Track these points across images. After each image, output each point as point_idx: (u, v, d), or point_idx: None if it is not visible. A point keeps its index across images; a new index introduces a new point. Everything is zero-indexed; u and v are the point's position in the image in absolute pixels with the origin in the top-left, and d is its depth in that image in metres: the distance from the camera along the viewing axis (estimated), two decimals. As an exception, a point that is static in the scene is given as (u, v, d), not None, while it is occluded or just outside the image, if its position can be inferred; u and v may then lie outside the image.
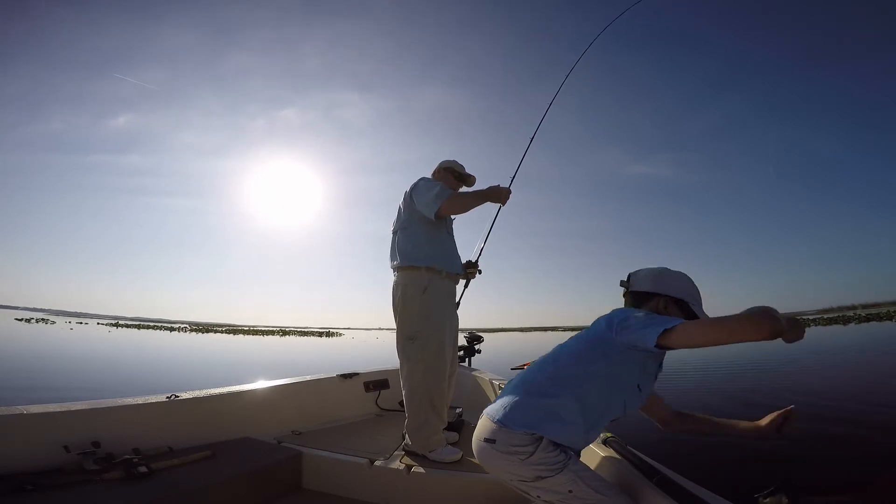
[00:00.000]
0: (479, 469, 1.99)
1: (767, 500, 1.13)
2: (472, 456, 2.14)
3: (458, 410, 2.64)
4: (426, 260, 2.17)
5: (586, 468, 1.22)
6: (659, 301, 1.33)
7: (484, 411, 1.33)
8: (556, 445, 1.19)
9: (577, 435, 1.23)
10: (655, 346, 1.15)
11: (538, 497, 1.22)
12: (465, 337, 3.82)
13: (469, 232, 2.76)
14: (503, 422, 1.22)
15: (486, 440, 1.24)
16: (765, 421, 1.40)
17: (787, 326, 1.07)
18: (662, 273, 1.37)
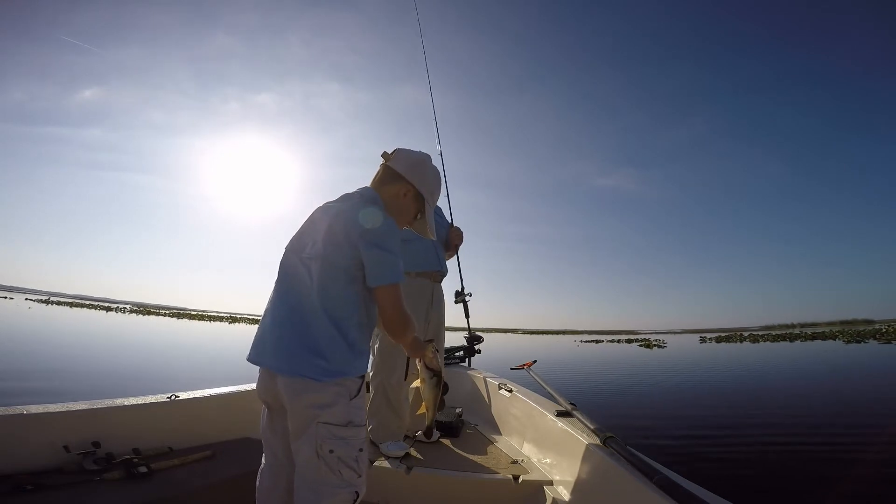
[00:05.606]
0: (479, 469, 1.99)
1: None
2: (472, 455, 2.13)
3: (457, 411, 2.62)
4: None
5: None
6: (404, 187, 1.31)
7: None
8: None
9: None
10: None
11: None
12: (465, 337, 3.82)
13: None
14: None
15: None
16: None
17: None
18: (421, 163, 1.35)
